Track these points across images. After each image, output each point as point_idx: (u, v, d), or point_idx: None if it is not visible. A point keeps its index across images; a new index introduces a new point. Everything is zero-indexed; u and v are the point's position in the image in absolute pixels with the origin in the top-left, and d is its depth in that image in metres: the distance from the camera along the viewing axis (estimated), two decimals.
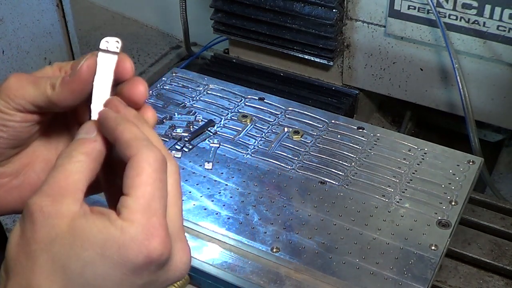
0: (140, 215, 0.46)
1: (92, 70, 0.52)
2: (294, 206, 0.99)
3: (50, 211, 0.46)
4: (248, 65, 1.55)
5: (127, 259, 0.45)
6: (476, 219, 1.05)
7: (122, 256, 0.45)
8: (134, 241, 0.45)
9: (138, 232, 0.46)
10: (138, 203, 0.47)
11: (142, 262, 0.46)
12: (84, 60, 0.52)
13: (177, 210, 0.51)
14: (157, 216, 0.47)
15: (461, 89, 1.24)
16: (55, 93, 0.52)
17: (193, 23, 1.67)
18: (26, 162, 0.58)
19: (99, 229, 0.46)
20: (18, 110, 0.54)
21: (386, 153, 1.09)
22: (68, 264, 0.45)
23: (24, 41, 1.44)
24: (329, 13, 1.34)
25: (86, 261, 0.45)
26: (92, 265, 0.45)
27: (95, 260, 0.45)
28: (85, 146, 0.50)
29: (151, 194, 0.47)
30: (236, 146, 1.12)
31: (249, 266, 0.92)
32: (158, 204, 0.48)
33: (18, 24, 1.41)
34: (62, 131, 0.58)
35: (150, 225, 0.46)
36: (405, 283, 0.87)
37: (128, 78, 0.53)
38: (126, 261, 0.45)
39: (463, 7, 1.20)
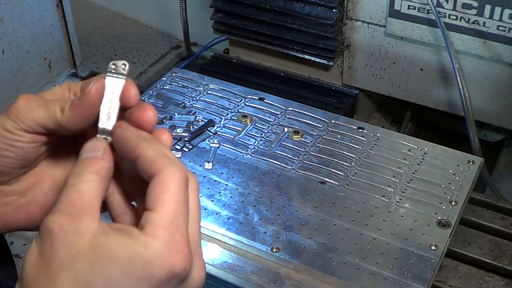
0: (164, 231, 0.47)
1: (101, 93, 0.52)
2: (294, 206, 0.99)
3: (70, 229, 0.46)
4: (248, 65, 1.55)
5: (152, 274, 0.46)
6: (476, 219, 1.05)
7: (146, 271, 0.46)
8: (158, 256, 0.46)
9: (162, 248, 0.46)
10: (163, 219, 0.47)
11: (165, 277, 0.46)
12: (93, 84, 0.52)
13: (197, 227, 0.52)
14: (180, 232, 0.48)
15: (461, 89, 1.24)
16: (64, 117, 0.53)
17: (193, 23, 1.67)
18: (33, 181, 0.59)
19: (122, 246, 0.46)
20: (27, 131, 0.55)
21: (386, 153, 1.09)
22: (92, 281, 0.45)
23: (24, 41, 1.44)
24: (329, 13, 1.34)
25: (111, 277, 0.45)
26: (117, 281, 0.45)
27: (119, 276, 0.45)
28: (94, 165, 0.50)
29: (176, 211, 0.48)
30: (236, 146, 1.12)
31: (249, 266, 0.92)
32: (181, 221, 0.48)
33: (18, 24, 1.41)
34: (70, 151, 0.59)
35: (174, 241, 0.47)
36: (405, 283, 0.87)
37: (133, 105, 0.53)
38: (150, 276, 0.46)
39: (463, 7, 1.20)
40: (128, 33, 1.92)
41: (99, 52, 1.84)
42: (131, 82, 0.53)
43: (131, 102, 0.53)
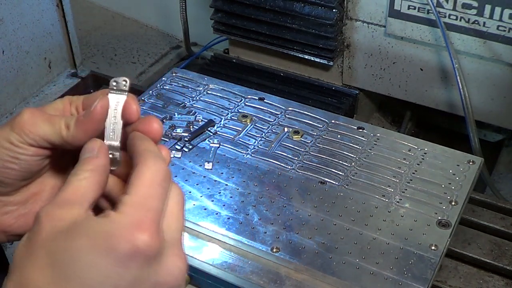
0: (132, 208, 0.49)
1: (105, 110, 0.54)
2: (294, 206, 0.99)
3: (56, 214, 0.49)
4: (248, 65, 1.55)
5: (115, 248, 0.47)
6: (476, 219, 1.05)
7: (110, 244, 0.47)
8: (122, 229, 0.48)
9: (128, 222, 0.48)
10: (131, 198, 0.50)
11: (129, 251, 0.47)
12: (98, 102, 0.54)
13: (178, 227, 0.53)
14: (150, 213, 0.49)
15: (461, 89, 1.24)
16: (70, 134, 0.55)
17: (193, 23, 1.67)
18: (34, 192, 0.61)
19: (93, 223, 0.49)
20: (31, 145, 0.56)
21: (386, 153, 1.09)
22: (60, 256, 0.47)
23: (24, 41, 1.44)
24: (329, 13, 1.34)
25: (76, 251, 0.47)
26: (81, 255, 0.47)
27: (84, 249, 0.47)
28: (89, 163, 0.53)
29: (147, 193, 0.50)
30: (236, 146, 1.12)
31: (249, 266, 0.92)
32: (152, 204, 0.50)
33: (18, 24, 1.41)
34: (70, 161, 0.60)
35: (141, 218, 0.48)
36: (405, 283, 0.87)
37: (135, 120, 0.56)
38: (113, 250, 0.47)
39: (463, 7, 1.20)
40: (128, 33, 1.92)
41: (99, 52, 1.84)
42: (133, 98, 0.55)
43: (133, 117, 0.55)
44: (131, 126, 0.56)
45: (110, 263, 0.47)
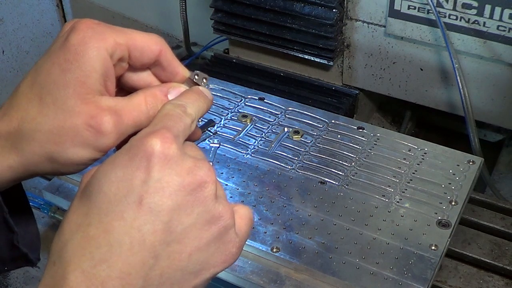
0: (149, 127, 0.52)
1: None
2: (294, 206, 0.99)
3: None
4: (248, 65, 1.55)
5: (133, 155, 0.49)
6: (476, 219, 1.05)
7: (127, 154, 0.49)
8: (137, 140, 0.50)
9: (142, 133, 0.51)
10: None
11: (144, 152, 0.49)
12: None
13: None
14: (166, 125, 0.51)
15: (461, 89, 1.24)
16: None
17: (193, 23, 1.66)
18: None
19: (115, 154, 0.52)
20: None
21: (386, 153, 1.09)
22: (88, 188, 0.50)
23: (24, 41, 1.44)
24: (329, 13, 1.34)
25: (101, 173, 0.50)
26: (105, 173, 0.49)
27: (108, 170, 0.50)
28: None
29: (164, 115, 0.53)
30: (236, 146, 1.12)
31: (249, 266, 0.92)
32: (169, 122, 0.52)
33: (18, 24, 1.41)
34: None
35: (154, 129, 0.51)
36: (405, 283, 0.87)
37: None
38: (132, 156, 0.49)
39: (463, 7, 1.20)
40: None
41: None
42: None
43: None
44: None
45: (131, 170, 0.48)
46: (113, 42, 0.54)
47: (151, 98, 0.55)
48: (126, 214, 0.47)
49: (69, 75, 0.53)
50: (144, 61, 0.57)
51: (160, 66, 0.57)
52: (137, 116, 0.54)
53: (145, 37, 0.56)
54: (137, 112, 0.54)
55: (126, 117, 0.53)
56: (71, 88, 0.52)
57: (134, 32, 0.56)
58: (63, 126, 0.52)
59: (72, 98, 0.52)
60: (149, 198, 0.47)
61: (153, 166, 0.48)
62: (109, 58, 0.54)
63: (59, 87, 0.53)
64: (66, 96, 0.52)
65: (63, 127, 0.52)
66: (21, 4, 1.40)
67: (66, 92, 0.53)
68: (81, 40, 0.53)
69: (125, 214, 0.47)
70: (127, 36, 0.55)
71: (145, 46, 0.56)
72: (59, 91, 0.53)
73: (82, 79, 0.53)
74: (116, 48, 0.54)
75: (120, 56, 0.55)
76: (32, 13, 1.43)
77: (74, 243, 0.47)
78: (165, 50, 0.57)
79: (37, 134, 0.53)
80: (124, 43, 0.55)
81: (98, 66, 0.53)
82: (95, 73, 0.53)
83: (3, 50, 1.38)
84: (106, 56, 0.54)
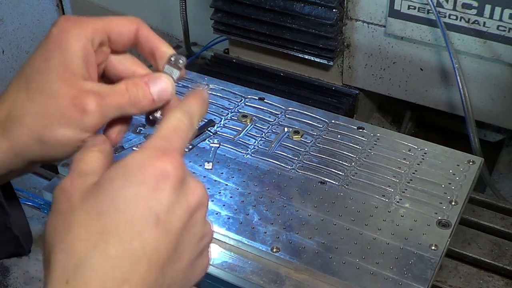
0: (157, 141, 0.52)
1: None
2: (294, 206, 0.99)
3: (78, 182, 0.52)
4: (248, 65, 1.55)
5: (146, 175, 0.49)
6: (476, 219, 1.05)
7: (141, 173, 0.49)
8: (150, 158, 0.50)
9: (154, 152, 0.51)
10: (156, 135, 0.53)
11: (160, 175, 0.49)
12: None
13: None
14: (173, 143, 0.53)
15: (461, 89, 1.24)
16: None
17: (193, 23, 1.66)
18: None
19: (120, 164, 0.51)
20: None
21: (386, 153, 1.09)
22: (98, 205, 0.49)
23: (24, 41, 1.44)
24: (329, 13, 1.34)
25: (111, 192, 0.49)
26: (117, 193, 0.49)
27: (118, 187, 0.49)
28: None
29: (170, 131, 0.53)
30: (236, 146, 1.12)
31: (249, 266, 0.92)
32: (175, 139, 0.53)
33: (18, 24, 1.41)
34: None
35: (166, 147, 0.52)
36: (405, 283, 0.87)
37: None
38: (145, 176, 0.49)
39: (463, 7, 1.20)
40: None
41: None
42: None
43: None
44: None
45: (147, 191, 0.49)
46: (91, 28, 0.57)
47: (132, 86, 0.58)
48: (145, 234, 0.48)
49: (52, 62, 0.56)
50: (124, 41, 0.60)
51: (139, 44, 0.60)
52: (119, 101, 0.57)
53: (121, 19, 0.60)
54: (119, 97, 0.57)
55: (109, 100, 0.56)
56: (54, 73, 0.55)
57: (111, 17, 0.59)
58: (49, 108, 0.55)
59: (56, 82, 0.55)
60: (165, 219, 0.49)
61: (168, 189, 0.50)
62: (89, 44, 0.57)
63: (43, 73, 0.56)
64: (50, 81, 0.55)
65: (49, 109, 0.55)
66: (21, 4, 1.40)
67: (50, 77, 0.55)
68: (61, 29, 0.57)
69: (144, 234, 0.48)
70: (104, 21, 0.58)
71: (122, 26, 0.59)
72: (44, 77, 0.55)
73: (65, 64, 0.56)
74: (95, 33, 0.57)
75: (100, 40, 0.58)
76: (32, 13, 1.43)
77: (94, 263, 0.47)
78: (142, 28, 0.60)
79: (26, 118, 0.55)
80: (101, 28, 0.58)
81: (79, 51, 0.56)
82: (76, 58, 0.56)
83: (3, 50, 1.38)
84: (86, 42, 0.57)
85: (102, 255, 0.47)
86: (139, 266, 0.47)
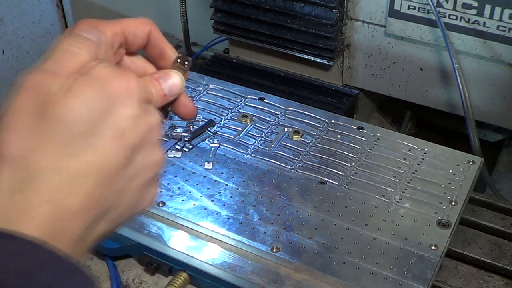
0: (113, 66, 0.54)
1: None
2: (294, 206, 0.99)
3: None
4: (248, 65, 1.55)
5: (115, 88, 0.50)
6: (476, 219, 1.05)
7: (111, 86, 0.50)
8: (116, 74, 0.51)
9: (116, 71, 0.52)
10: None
11: (127, 89, 0.51)
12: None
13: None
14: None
15: (461, 89, 1.24)
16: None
17: (193, 23, 1.66)
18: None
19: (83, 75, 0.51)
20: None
21: (386, 153, 1.09)
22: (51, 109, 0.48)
23: (24, 41, 1.44)
24: (329, 13, 1.34)
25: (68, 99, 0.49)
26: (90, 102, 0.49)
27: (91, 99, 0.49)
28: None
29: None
30: (236, 146, 1.12)
31: (249, 266, 0.92)
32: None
33: (18, 24, 1.41)
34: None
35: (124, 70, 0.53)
36: (405, 283, 0.87)
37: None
38: (114, 90, 0.50)
39: (463, 7, 1.20)
40: None
41: None
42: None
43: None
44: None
45: (115, 105, 0.50)
46: (110, 32, 0.60)
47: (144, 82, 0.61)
48: (105, 148, 0.49)
49: None
50: (139, 42, 0.63)
51: (150, 45, 0.64)
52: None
53: (135, 22, 0.62)
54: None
55: None
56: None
57: (125, 19, 0.62)
58: None
59: None
60: (127, 134, 0.51)
61: (135, 104, 0.51)
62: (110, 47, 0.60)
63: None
64: None
65: None
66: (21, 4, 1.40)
67: None
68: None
69: (103, 147, 0.49)
70: (121, 25, 0.61)
71: (137, 28, 0.62)
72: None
73: None
74: (114, 37, 0.60)
75: (119, 44, 0.61)
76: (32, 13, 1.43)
77: (50, 175, 0.47)
78: (154, 29, 0.64)
79: None
80: (120, 31, 0.61)
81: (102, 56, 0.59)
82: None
83: (3, 50, 1.38)
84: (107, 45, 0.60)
85: (59, 167, 0.47)
86: (91, 178, 0.48)
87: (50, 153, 0.47)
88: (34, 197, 0.46)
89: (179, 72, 0.63)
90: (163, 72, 0.63)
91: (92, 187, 0.48)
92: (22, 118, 0.48)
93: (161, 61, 0.64)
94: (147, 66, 0.65)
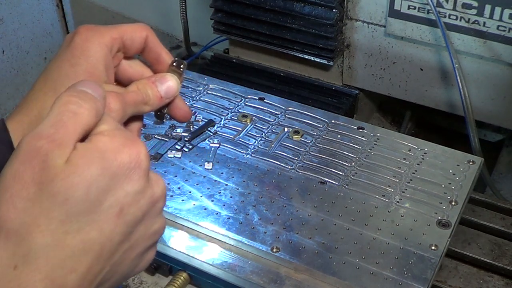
0: (115, 131, 0.52)
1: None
2: (294, 206, 0.99)
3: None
4: (248, 65, 1.55)
5: (121, 163, 0.49)
6: (476, 219, 1.05)
7: (117, 161, 0.49)
8: (118, 145, 0.50)
9: (120, 140, 0.50)
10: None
11: (134, 163, 0.50)
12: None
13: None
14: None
15: (461, 89, 1.24)
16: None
17: (193, 23, 1.66)
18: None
19: (82, 148, 0.50)
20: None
21: (386, 153, 1.09)
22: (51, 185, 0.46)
23: (24, 41, 1.44)
24: (329, 13, 1.34)
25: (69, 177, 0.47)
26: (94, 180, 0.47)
27: (96, 175, 0.47)
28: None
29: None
30: (236, 146, 1.12)
31: (249, 266, 0.92)
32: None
33: (18, 24, 1.41)
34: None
35: (128, 137, 0.51)
36: (405, 283, 0.87)
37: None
38: (121, 165, 0.49)
39: (463, 7, 1.20)
40: None
41: None
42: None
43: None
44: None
45: (119, 181, 0.49)
46: (109, 37, 0.62)
47: (142, 86, 0.63)
48: (105, 225, 0.48)
49: (78, 68, 0.61)
50: (136, 46, 0.65)
51: (147, 49, 0.66)
52: (136, 99, 0.61)
53: (133, 27, 0.65)
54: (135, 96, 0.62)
55: (127, 98, 0.60)
56: (81, 78, 0.58)
57: (123, 25, 0.65)
58: None
59: None
60: (127, 210, 0.49)
61: (138, 178, 0.50)
62: (109, 52, 0.62)
63: (70, 78, 0.60)
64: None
65: None
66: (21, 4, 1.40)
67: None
68: (84, 39, 0.62)
69: (103, 225, 0.48)
70: (119, 30, 0.64)
71: (134, 33, 0.65)
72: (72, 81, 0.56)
73: (90, 70, 0.61)
74: (113, 42, 0.63)
75: (117, 48, 0.64)
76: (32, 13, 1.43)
77: (48, 251, 0.45)
78: (151, 35, 0.66)
79: None
80: (118, 36, 0.63)
81: (101, 59, 0.62)
82: (99, 65, 0.62)
83: (3, 50, 1.38)
84: (107, 50, 0.62)
85: (58, 245, 0.46)
86: (90, 255, 0.47)
87: (49, 229, 0.45)
88: (31, 276, 0.45)
89: (174, 76, 0.66)
90: (159, 75, 0.65)
91: (90, 264, 0.47)
92: (21, 189, 0.46)
93: (157, 65, 0.66)
94: (144, 70, 0.67)
